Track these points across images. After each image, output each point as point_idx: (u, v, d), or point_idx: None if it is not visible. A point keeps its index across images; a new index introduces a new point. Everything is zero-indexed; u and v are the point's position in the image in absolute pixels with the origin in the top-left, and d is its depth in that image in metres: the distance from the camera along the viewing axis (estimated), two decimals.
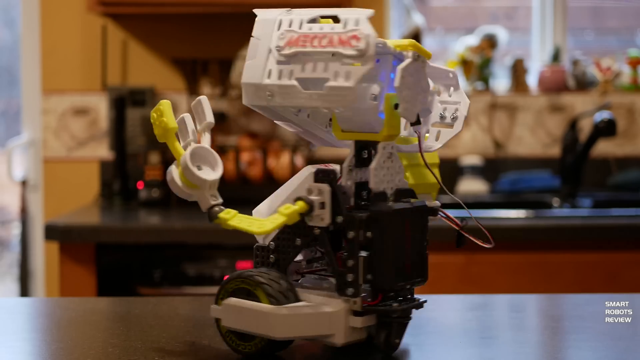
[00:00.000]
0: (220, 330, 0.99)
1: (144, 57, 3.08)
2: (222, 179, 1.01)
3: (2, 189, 3.50)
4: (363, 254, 0.94)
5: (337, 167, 0.99)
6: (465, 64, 3.10)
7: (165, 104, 0.98)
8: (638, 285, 2.38)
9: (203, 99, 1.00)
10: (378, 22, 3.09)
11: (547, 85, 3.10)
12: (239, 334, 0.97)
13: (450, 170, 3.02)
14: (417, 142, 1.02)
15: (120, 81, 3.07)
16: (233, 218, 0.97)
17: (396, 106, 0.94)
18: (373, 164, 0.94)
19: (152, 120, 0.99)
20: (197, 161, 0.98)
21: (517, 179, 2.98)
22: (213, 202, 0.98)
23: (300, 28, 0.95)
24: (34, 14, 3.10)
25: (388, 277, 0.94)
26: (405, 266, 0.96)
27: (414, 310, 1.00)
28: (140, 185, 2.79)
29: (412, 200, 1.00)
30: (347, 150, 1.00)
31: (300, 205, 0.94)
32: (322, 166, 0.98)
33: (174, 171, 0.98)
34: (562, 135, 2.94)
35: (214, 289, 1.02)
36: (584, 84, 3.12)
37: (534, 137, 3.11)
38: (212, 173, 0.98)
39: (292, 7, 0.98)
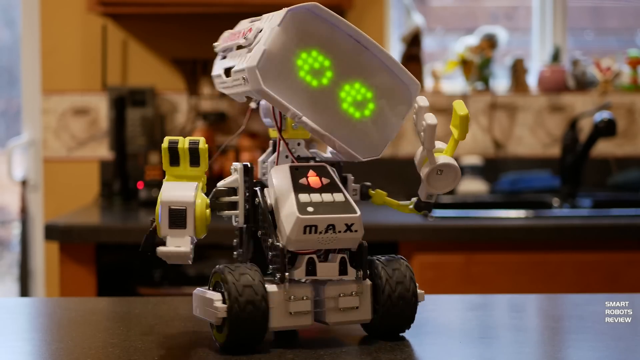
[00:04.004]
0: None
1: (144, 57, 3.08)
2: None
3: (2, 189, 3.50)
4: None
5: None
6: (465, 64, 3.09)
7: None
8: (638, 285, 2.38)
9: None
10: (378, 22, 3.09)
11: (547, 85, 3.10)
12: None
13: None
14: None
15: (120, 81, 3.07)
16: None
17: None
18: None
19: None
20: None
21: (517, 179, 2.98)
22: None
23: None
24: (34, 14, 3.10)
25: None
26: None
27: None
28: (140, 185, 2.78)
29: None
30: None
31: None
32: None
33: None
34: (562, 135, 2.94)
35: None
36: (584, 84, 3.12)
37: (534, 137, 3.11)
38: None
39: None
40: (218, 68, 1.09)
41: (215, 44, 1.11)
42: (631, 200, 2.86)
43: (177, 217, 0.98)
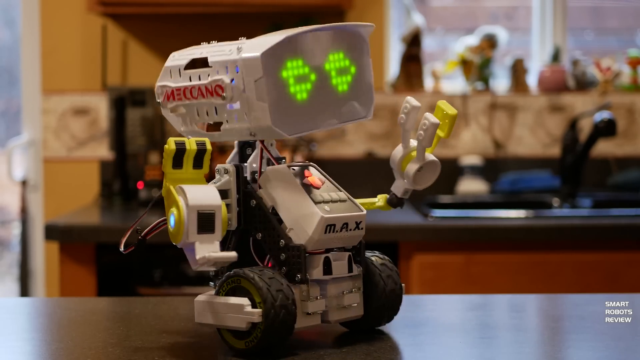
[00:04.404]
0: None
1: (144, 57, 3.08)
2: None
3: (2, 189, 3.50)
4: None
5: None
6: (465, 64, 3.09)
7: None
8: (638, 285, 2.38)
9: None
10: (378, 22, 3.09)
11: (547, 85, 3.10)
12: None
13: (450, 170, 3.02)
14: None
15: (120, 81, 3.07)
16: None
17: None
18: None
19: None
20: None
21: (517, 179, 2.98)
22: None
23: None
24: (34, 14, 3.10)
25: None
26: None
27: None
28: (140, 185, 2.79)
29: None
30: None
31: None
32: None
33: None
34: (562, 135, 2.94)
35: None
36: (584, 84, 3.12)
37: (534, 137, 3.11)
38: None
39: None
40: (185, 124, 1.06)
41: (158, 100, 1.07)
42: (631, 200, 2.86)
43: (206, 222, 0.95)
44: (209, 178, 1.03)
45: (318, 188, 1.02)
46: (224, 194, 1.01)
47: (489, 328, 1.17)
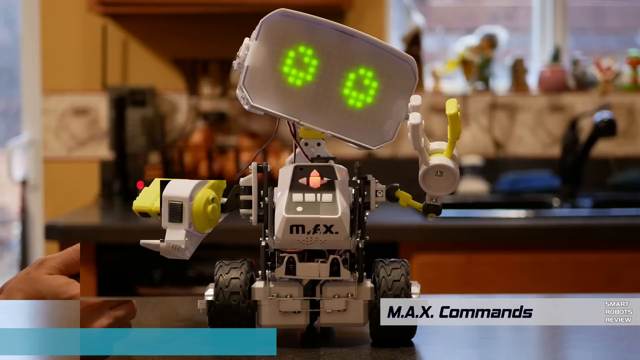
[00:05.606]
0: None
1: (144, 57, 3.08)
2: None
3: (2, 189, 3.50)
4: None
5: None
6: (465, 64, 3.09)
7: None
8: (638, 285, 2.38)
9: None
10: (378, 22, 3.09)
11: (547, 85, 3.10)
12: None
13: None
14: None
15: (120, 81, 3.07)
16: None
17: None
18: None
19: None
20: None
21: (517, 179, 2.98)
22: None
23: None
24: (34, 14, 3.10)
25: None
26: None
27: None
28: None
29: None
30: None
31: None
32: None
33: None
34: (562, 135, 2.94)
35: None
36: (584, 84, 3.12)
37: (534, 137, 3.10)
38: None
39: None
40: None
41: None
42: (631, 200, 2.86)
43: (174, 211, 1.03)
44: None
45: (314, 188, 1.02)
46: (248, 190, 1.07)
47: (489, 328, 1.17)
